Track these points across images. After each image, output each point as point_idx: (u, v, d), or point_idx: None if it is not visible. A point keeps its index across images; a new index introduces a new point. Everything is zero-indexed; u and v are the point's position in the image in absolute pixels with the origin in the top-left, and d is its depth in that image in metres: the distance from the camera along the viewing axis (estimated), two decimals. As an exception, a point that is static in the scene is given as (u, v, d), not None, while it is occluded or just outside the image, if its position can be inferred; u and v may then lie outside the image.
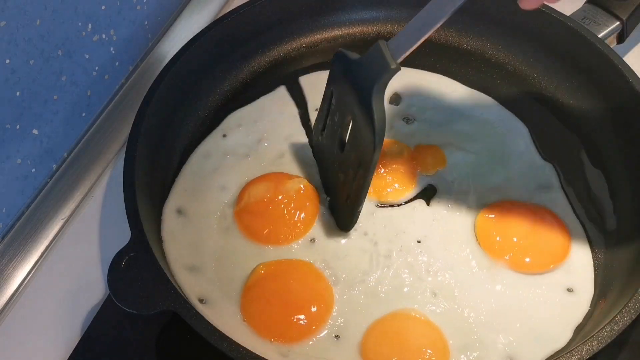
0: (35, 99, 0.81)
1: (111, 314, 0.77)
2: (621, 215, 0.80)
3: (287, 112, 0.91)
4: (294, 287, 0.74)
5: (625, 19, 0.90)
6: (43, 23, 0.78)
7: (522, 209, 0.80)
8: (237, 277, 0.75)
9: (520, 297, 0.74)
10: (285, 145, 0.87)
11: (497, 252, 0.77)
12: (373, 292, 0.75)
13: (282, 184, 0.81)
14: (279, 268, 0.75)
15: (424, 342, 0.71)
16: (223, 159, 0.85)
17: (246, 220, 0.79)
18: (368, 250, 0.78)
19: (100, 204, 0.88)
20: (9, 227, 0.83)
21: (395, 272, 0.76)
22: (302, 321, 0.72)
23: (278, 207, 0.79)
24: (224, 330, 0.66)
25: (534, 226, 0.78)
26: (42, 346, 0.76)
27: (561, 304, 0.74)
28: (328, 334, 0.72)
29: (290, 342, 0.71)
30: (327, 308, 0.73)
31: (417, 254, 0.77)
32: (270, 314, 0.72)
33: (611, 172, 0.84)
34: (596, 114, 0.88)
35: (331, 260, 0.77)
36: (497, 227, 0.79)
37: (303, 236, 0.79)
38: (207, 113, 0.91)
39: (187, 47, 0.87)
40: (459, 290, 0.75)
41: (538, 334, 0.72)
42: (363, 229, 0.79)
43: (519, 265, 0.76)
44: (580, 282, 0.76)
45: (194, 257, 0.77)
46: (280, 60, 0.97)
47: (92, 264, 0.82)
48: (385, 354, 0.70)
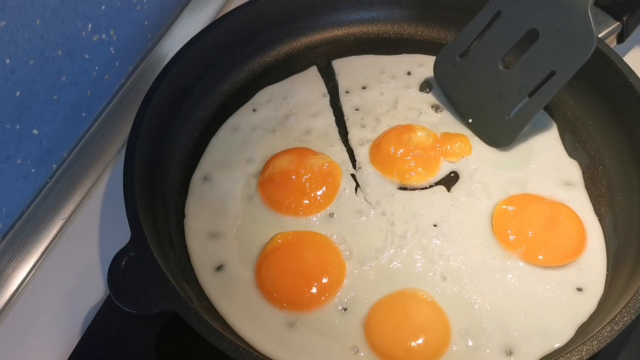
0: (35, 99, 0.81)
1: (111, 314, 0.77)
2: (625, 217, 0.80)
3: (316, 91, 0.93)
4: (309, 257, 0.76)
5: (625, 19, 0.90)
6: (43, 23, 0.78)
7: (540, 204, 0.80)
8: (255, 245, 0.78)
9: (528, 291, 0.75)
10: (312, 122, 0.89)
11: (511, 243, 0.77)
12: (384, 269, 0.76)
13: (306, 158, 0.83)
14: (296, 238, 0.77)
15: (426, 322, 0.72)
16: (251, 133, 0.89)
17: (269, 190, 0.82)
18: (384, 229, 0.79)
19: (100, 204, 0.88)
20: (9, 227, 0.83)
21: (408, 252, 0.78)
22: (313, 291, 0.73)
23: (301, 179, 0.81)
24: (236, 295, 0.72)
25: (551, 221, 0.78)
26: (42, 346, 0.77)
27: (569, 302, 0.74)
28: (336, 306, 0.74)
29: (300, 310, 0.73)
30: (338, 280, 0.75)
31: (431, 237, 0.79)
32: (283, 281, 0.74)
33: (611, 171, 0.85)
34: (596, 114, 0.88)
35: (347, 235, 0.79)
36: (514, 219, 0.79)
37: (322, 210, 0.81)
38: (207, 113, 0.91)
39: (187, 47, 0.87)
40: (469, 276, 0.76)
41: (540, 330, 0.72)
42: (382, 209, 0.81)
43: (532, 259, 0.76)
44: (591, 282, 0.76)
45: (216, 223, 0.80)
46: (280, 60, 0.97)
47: (92, 264, 0.82)
48: (387, 329, 0.71)
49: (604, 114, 0.87)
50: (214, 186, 0.83)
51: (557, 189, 0.83)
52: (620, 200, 0.82)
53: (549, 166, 0.85)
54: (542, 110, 0.89)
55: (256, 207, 0.81)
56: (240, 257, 0.77)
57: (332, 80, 0.95)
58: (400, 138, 0.85)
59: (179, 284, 0.70)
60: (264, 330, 0.72)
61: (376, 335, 0.71)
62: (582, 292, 0.75)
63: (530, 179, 0.84)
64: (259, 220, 0.80)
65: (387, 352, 0.70)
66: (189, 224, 0.80)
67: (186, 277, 0.76)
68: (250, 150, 0.87)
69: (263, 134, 0.88)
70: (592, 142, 0.87)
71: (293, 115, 0.90)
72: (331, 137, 0.88)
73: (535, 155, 0.86)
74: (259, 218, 0.80)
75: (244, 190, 0.83)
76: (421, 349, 0.70)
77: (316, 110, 0.91)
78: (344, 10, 0.99)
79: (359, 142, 0.87)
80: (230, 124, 0.90)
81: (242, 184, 0.83)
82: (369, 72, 0.95)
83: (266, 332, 0.72)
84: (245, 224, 0.80)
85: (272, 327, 0.72)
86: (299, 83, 0.94)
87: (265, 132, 0.89)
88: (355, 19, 1.00)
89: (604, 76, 0.86)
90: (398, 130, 0.86)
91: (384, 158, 0.85)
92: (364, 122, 0.89)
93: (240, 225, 0.80)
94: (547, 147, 0.87)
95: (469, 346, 0.71)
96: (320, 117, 0.90)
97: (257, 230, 0.79)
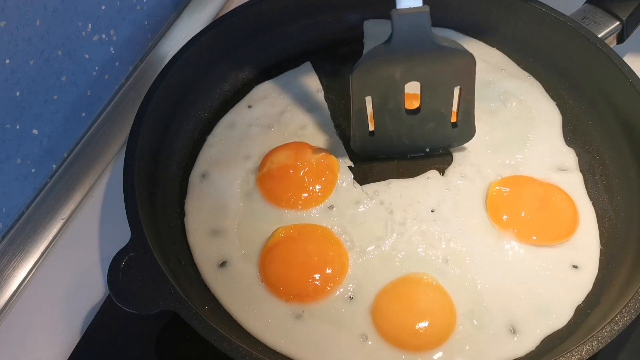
0: (35, 99, 0.81)
1: (111, 314, 0.77)
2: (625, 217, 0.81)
3: (311, 86, 0.94)
4: (312, 249, 0.77)
5: (625, 19, 0.90)
6: (43, 23, 0.78)
7: (533, 185, 0.81)
8: (257, 240, 0.78)
9: (527, 270, 0.76)
10: (308, 117, 0.90)
11: (505, 224, 0.79)
12: (387, 256, 0.77)
13: (304, 152, 0.84)
14: (298, 231, 0.78)
15: (433, 305, 0.73)
16: (247, 129, 0.89)
17: (268, 185, 0.82)
18: (383, 218, 0.80)
19: (100, 204, 0.88)
20: (9, 227, 0.83)
21: (408, 238, 0.78)
22: (318, 281, 0.74)
23: (299, 173, 0.82)
24: (241, 291, 0.73)
25: (543, 202, 0.80)
26: (42, 346, 0.77)
27: (566, 279, 0.76)
28: (342, 296, 0.74)
29: (306, 301, 0.74)
30: (342, 270, 0.75)
31: (430, 223, 0.79)
32: (287, 274, 0.75)
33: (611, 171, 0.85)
34: (596, 114, 0.88)
35: (348, 226, 0.80)
36: (507, 200, 0.80)
37: (322, 203, 0.82)
38: (207, 113, 0.91)
39: (187, 47, 0.87)
40: (470, 258, 0.77)
41: (541, 308, 0.73)
42: (379, 198, 0.82)
43: (526, 238, 0.78)
44: (585, 260, 0.77)
45: (217, 220, 0.80)
46: (280, 60, 0.97)
47: (92, 264, 0.82)
48: (394, 315, 0.72)
49: (604, 114, 0.87)
50: (213, 183, 0.84)
51: (550, 172, 0.84)
52: (621, 201, 0.82)
53: (545, 152, 0.86)
54: (543, 99, 0.89)
55: (256, 203, 0.82)
56: (243, 253, 0.78)
57: (325, 75, 0.95)
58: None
59: (179, 283, 0.70)
60: (271, 324, 0.72)
61: (384, 322, 0.72)
62: (578, 269, 0.76)
63: (524, 162, 0.85)
64: (260, 215, 0.81)
65: (395, 337, 0.71)
66: (189, 222, 0.81)
67: (188, 275, 0.76)
68: (247, 146, 0.87)
69: (259, 130, 0.89)
70: (592, 141, 0.87)
71: (288, 110, 0.91)
72: (327, 131, 0.89)
73: (532, 141, 0.86)
74: (259, 213, 0.81)
75: (242, 187, 0.83)
76: (429, 332, 0.71)
77: (311, 105, 0.92)
78: (344, 10, 0.99)
79: None
80: (226, 121, 0.90)
81: (241, 180, 0.84)
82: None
83: (274, 326, 0.72)
84: (246, 219, 0.80)
85: (279, 320, 0.72)
86: (293, 79, 0.95)
87: (261, 128, 0.89)
88: (355, 19, 1.00)
89: (604, 76, 0.86)
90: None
91: None
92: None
93: (241, 221, 0.80)
94: (544, 134, 0.87)
95: (474, 326, 0.72)
96: (315, 112, 0.91)
97: (258, 225, 0.80)
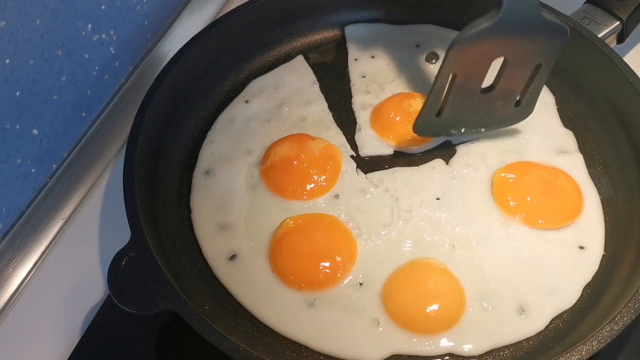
0: (35, 99, 0.81)
1: (111, 314, 0.77)
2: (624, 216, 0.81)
3: (306, 79, 0.95)
4: (320, 238, 0.78)
5: (625, 19, 0.90)
6: (43, 23, 0.78)
7: (537, 170, 0.82)
8: (265, 231, 0.79)
9: (533, 252, 0.77)
10: (306, 110, 0.91)
11: (512, 209, 0.80)
12: (394, 242, 0.78)
13: (306, 143, 0.85)
14: (306, 221, 0.79)
15: (442, 289, 0.74)
16: (247, 124, 0.89)
17: (272, 177, 0.83)
18: (389, 205, 0.81)
19: (100, 204, 0.88)
20: (9, 227, 0.83)
21: (415, 225, 0.79)
22: (328, 269, 0.75)
23: (302, 164, 0.83)
24: (253, 282, 0.74)
25: (548, 186, 0.81)
26: (42, 346, 0.77)
27: (573, 260, 0.77)
28: (352, 282, 0.75)
29: (317, 289, 0.74)
30: (351, 257, 0.76)
31: (436, 209, 0.80)
32: (298, 263, 0.76)
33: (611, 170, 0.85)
34: (596, 114, 0.88)
35: (354, 213, 0.80)
36: (513, 186, 0.81)
37: (327, 192, 0.82)
38: (207, 113, 0.91)
39: (187, 47, 0.87)
40: (477, 243, 0.78)
41: (549, 288, 0.75)
42: (384, 186, 0.83)
43: (533, 222, 0.79)
44: (591, 240, 0.79)
45: (224, 215, 0.81)
46: (280, 60, 0.97)
47: (92, 264, 0.82)
48: (405, 299, 0.73)
49: (604, 113, 0.87)
50: (217, 179, 0.84)
51: (552, 156, 0.85)
52: (621, 201, 0.82)
53: (545, 135, 0.87)
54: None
55: (261, 195, 0.82)
56: (253, 245, 0.78)
57: (319, 68, 0.96)
58: (401, 104, 0.88)
59: (179, 283, 0.70)
60: (284, 313, 0.73)
61: (395, 306, 0.73)
62: (585, 250, 0.78)
63: (526, 147, 0.86)
64: (266, 207, 0.81)
65: (407, 320, 0.72)
66: (196, 218, 0.81)
67: (188, 275, 0.76)
68: (248, 141, 0.87)
69: (259, 124, 0.89)
70: (592, 141, 0.87)
71: (286, 104, 0.91)
72: (326, 122, 0.90)
73: (530, 126, 0.87)
74: (265, 205, 0.81)
75: (247, 180, 0.84)
76: (439, 315, 0.72)
77: (308, 98, 0.92)
78: (344, 10, 0.99)
79: (362, 106, 0.90)
80: (225, 117, 0.91)
81: (245, 174, 0.84)
82: (379, 41, 0.97)
83: (287, 315, 0.73)
84: (253, 212, 0.81)
85: (292, 308, 0.73)
86: (287, 72, 0.95)
87: (260, 123, 0.89)
88: (355, 19, 1.00)
89: (604, 76, 0.86)
90: (399, 97, 0.89)
91: (383, 122, 0.88)
92: (369, 88, 0.92)
93: (248, 214, 0.81)
94: (542, 118, 0.88)
95: (484, 308, 0.73)
96: (313, 104, 0.91)
97: (265, 217, 0.80)
